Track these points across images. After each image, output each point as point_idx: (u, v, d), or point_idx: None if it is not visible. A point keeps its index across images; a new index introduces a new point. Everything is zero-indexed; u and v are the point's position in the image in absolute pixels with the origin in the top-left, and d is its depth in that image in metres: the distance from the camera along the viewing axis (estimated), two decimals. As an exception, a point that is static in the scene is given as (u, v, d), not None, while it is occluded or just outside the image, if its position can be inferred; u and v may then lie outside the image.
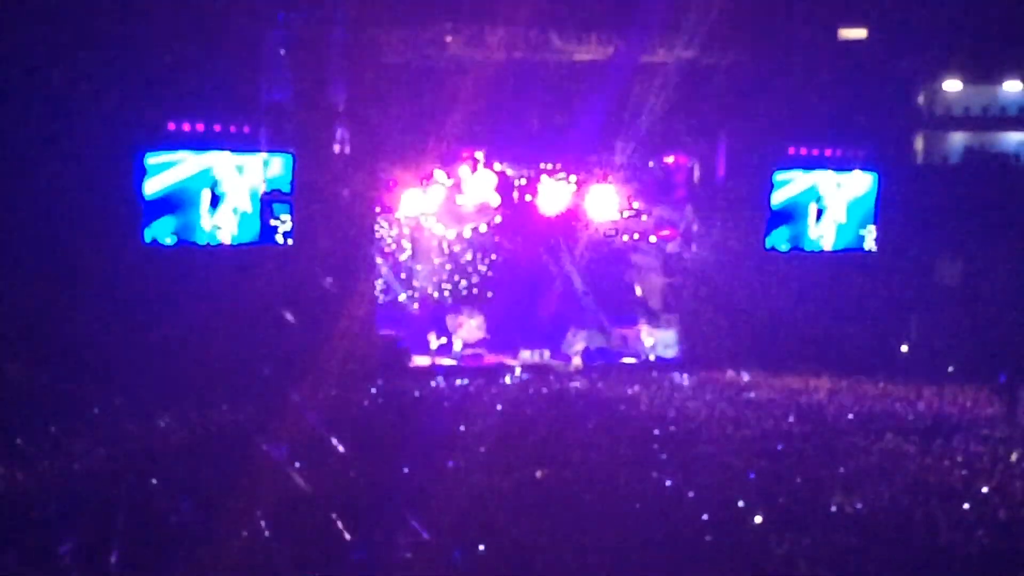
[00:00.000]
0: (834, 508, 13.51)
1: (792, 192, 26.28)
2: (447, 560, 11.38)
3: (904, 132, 28.07)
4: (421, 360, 25.39)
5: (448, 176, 25.01)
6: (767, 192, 26.01)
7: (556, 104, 25.26)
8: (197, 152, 22.28)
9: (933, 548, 12.15)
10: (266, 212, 22.90)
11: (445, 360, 25.64)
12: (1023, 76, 28.33)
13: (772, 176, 26.05)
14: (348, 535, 11.92)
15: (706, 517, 12.81)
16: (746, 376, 23.57)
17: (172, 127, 22.07)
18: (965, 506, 13.63)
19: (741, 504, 13.34)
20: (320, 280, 22.67)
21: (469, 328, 26.71)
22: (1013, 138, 29.06)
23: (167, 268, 21.99)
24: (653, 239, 27.03)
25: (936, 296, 26.21)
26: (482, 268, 27.68)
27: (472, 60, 23.89)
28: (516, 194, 25.68)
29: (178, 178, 22.23)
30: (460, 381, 23.05)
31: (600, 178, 25.83)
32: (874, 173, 26.61)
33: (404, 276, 27.18)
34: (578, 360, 25.80)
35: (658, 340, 26.85)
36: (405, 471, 14.68)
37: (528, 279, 27.46)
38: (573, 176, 25.82)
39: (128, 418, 17.64)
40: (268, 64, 22.67)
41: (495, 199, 25.54)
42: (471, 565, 11.33)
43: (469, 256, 27.50)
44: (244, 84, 22.39)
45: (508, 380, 23.68)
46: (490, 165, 25.25)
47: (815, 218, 26.47)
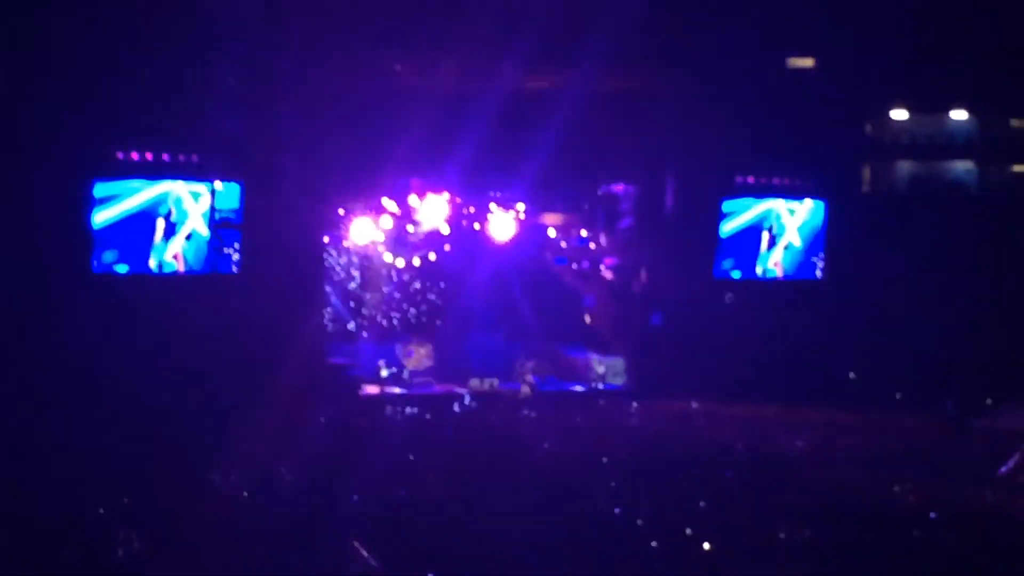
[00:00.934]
0: (782, 536, 13.57)
1: (742, 220, 26.34)
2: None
3: (852, 161, 28.22)
4: (371, 388, 25.32)
5: (398, 205, 25.05)
6: (716, 220, 26.04)
7: (506, 133, 25.25)
8: (149, 181, 22.19)
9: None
10: (216, 241, 22.83)
11: (395, 388, 25.58)
12: (969, 105, 28.58)
13: (720, 204, 26.08)
14: (297, 564, 11.89)
15: (654, 544, 12.85)
16: (695, 404, 23.62)
17: (121, 156, 21.98)
18: (914, 533, 13.75)
19: (689, 532, 13.39)
20: (269, 309, 22.57)
21: (419, 356, 26.65)
22: (959, 166, 29.32)
23: (115, 297, 21.85)
24: (602, 268, 27.13)
25: (884, 323, 26.30)
26: (431, 297, 27.65)
27: (422, 89, 23.90)
28: (465, 223, 25.76)
29: (130, 206, 22.12)
30: (410, 409, 23.09)
31: (548, 207, 25.90)
32: (823, 201, 26.69)
33: (353, 305, 27.12)
34: (527, 388, 25.79)
35: (607, 368, 26.84)
36: (354, 499, 14.67)
37: (477, 308, 27.48)
38: (522, 205, 25.92)
39: (75, 445, 17.48)
40: (217, 93, 22.60)
41: (445, 228, 25.62)
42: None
43: (418, 285, 27.48)
44: (193, 113, 22.28)
45: (457, 408, 23.71)
46: (439, 194, 25.32)
47: (767, 246, 26.52)
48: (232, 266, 22.84)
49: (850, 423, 21.98)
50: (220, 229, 22.74)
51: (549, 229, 26.87)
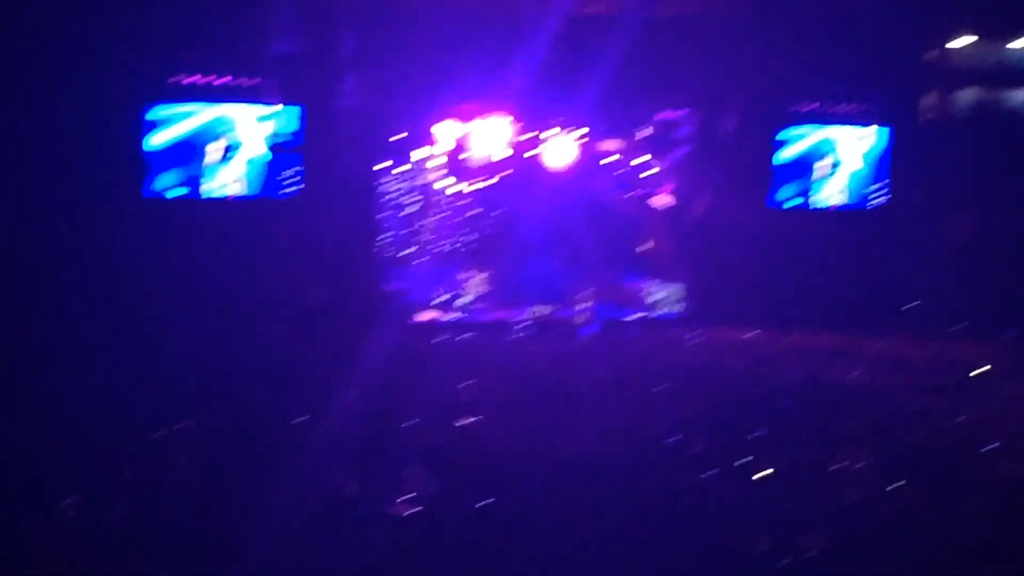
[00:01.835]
0: (839, 466, 13.44)
1: (801, 148, 26.06)
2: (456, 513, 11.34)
3: (917, 87, 27.80)
4: (427, 315, 25.29)
5: (457, 129, 24.94)
6: (774, 147, 25.77)
7: (565, 59, 25.02)
8: (205, 104, 22.13)
9: (940, 504, 12.11)
10: (275, 165, 22.79)
11: (451, 315, 25.54)
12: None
13: (778, 131, 25.79)
14: (354, 488, 11.88)
15: (711, 474, 12.77)
16: (753, 332, 23.47)
17: (176, 80, 21.92)
18: (976, 462, 13.61)
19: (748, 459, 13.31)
20: (325, 234, 22.55)
21: (476, 283, 26.60)
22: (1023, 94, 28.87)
23: (170, 223, 21.88)
24: (659, 195, 26.94)
25: (947, 252, 26.01)
26: (488, 223, 27.53)
27: (482, 11, 23.67)
28: (525, 149, 25.62)
29: (185, 130, 22.10)
30: (466, 335, 23.07)
31: (607, 133, 25.72)
32: (887, 128, 26.35)
33: (410, 230, 27.04)
34: (585, 315, 25.69)
35: (665, 296, 26.70)
36: (413, 423, 14.65)
37: (535, 235, 27.34)
38: (580, 130, 25.73)
39: (132, 370, 17.56)
40: (274, 14, 22.46)
41: (503, 153, 25.49)
42: (478, 518, 11.29)
43: (476, 210, 27.37)
44: (250, 35, 22.19)
45: (513, 335, 23.67)
46: (499, 118, 25.17)
47: (826, 174, 26.24)
48: (289, 191, 22.79)
49: (913, 352, 21.76)
50: (279, 153, 22.69)
51: (607, 155, 26.65)
